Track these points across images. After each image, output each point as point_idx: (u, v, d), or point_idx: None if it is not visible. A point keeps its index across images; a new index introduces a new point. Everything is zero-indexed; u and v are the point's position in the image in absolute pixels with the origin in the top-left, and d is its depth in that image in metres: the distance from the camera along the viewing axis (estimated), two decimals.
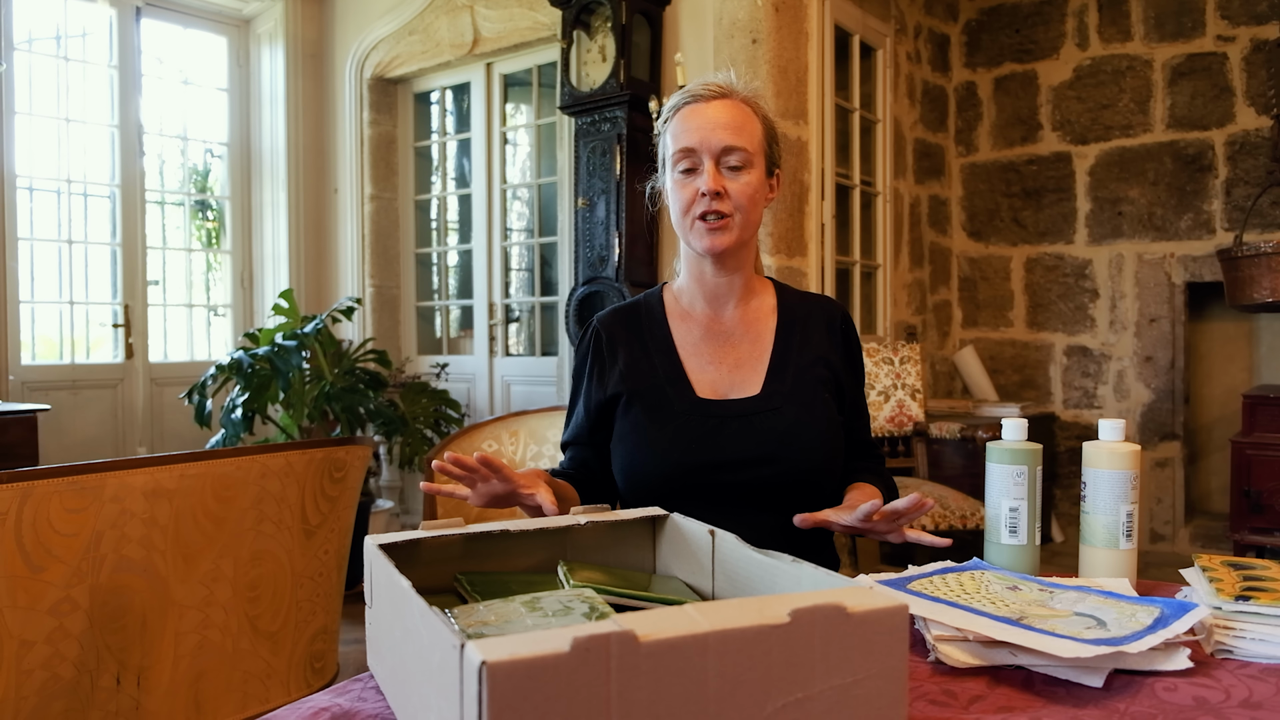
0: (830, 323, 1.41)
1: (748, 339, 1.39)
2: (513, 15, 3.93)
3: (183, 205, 4.62)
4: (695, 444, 1.29)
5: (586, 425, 1.41)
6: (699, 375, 1.36)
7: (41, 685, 1.52)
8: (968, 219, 4.80)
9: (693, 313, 1.41)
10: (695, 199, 1.30)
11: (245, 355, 3.52)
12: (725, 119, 1.30)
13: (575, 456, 1.44)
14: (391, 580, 0.74)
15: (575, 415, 1.45)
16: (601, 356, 1.41)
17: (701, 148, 1.29)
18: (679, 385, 1.34)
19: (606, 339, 1.41)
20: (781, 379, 1.34)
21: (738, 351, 1.38)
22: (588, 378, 1.42)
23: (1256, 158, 3.99)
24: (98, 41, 4.20)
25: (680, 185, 1.32)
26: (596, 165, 3.40)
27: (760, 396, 1.33)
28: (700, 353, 1.38)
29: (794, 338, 1.38)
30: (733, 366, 1.37)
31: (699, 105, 1.32)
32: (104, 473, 1.55)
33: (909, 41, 4.38)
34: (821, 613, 0.60)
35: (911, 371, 3.41)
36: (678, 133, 1.32)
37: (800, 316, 1.41)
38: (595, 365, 1.41)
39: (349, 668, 2.68)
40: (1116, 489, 1.09)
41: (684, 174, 1.32)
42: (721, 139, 1.29)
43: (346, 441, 1.99)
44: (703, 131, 1.29)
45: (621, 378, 1.37)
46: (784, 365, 1.36)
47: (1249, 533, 3.30)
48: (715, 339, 1.39)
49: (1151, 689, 0.79)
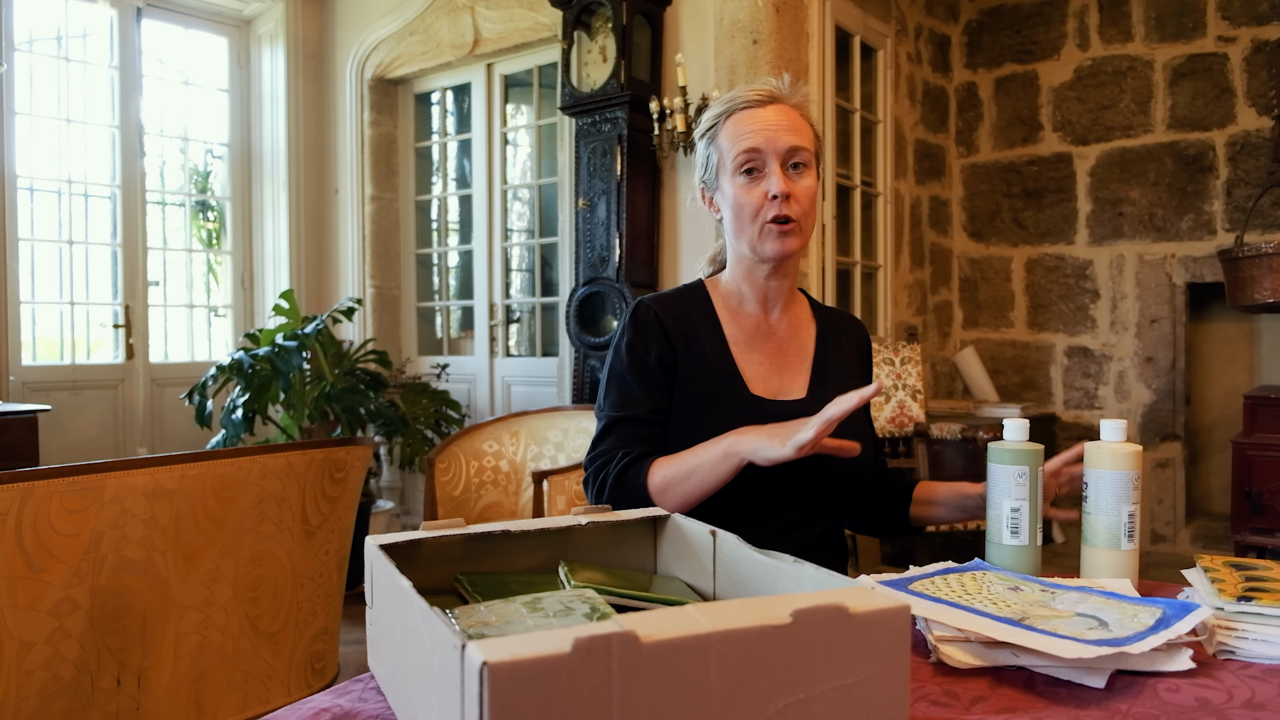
0: (860, 341, 1.48)
1: (793, 343, 1.40)
2: (513, 16, 3.93)
3: (183, 206, 4.62)
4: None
5: (647, 400, 1.33)
6: (750, 371, 1.36)
7: (42, 686, 1.52)
8: (968, 219, 4.79)
9: (742, 311, 1.40)
10: (764, 203, 1.28)
11: (246, 356, 3.52)
12: (785, 122, 1.30)
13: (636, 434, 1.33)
14: (392, 581, 0.73)
15: (625, 393, 1.35)
16: (664, 333, 1.34)
17: (767, 148, 1.28)
18: (732, 380, 1.34)
19: (663, 316, 1.35)
20: (824, 385, 1.37)
21: (785, 353, 1.39)
22: (654, 351, 1.33)
23: (1257, 158, 3.99)
24: (98, 42, 4.20)
25: (745, 189, 1.30)
26: (597, 166, 3.40)
27: (807, 400, 1.35)
28: (750, 350, 1.38)
29: (831, 347, 1.42)
30: (780, 368, 1.38)
31: (754, 110, 1.31)
32: (104, 473, 1.55)
33: (910, 42, 4.37)
34: (823, 613, 0.60)
35: (912, 372, 3.41)
36: (737, 135, 1.30)
37: (834, 329, 1.44)
38: (660, 341, 1.34)
39: (349, 668, 2.68)
40: (1118, 489, 1.09)
41: (748, 176, 1.30)
42: (787, 140, 1.28)
43: (347, 442, 1.99)
44: (766, 133, 1.28)
45: (680, 363, 1.34)
46: (825, 372, 1.39)
47: (1250, 533, 3.30)
48: (764, 339, 1.39)
49: (1154, 690, 0.79)
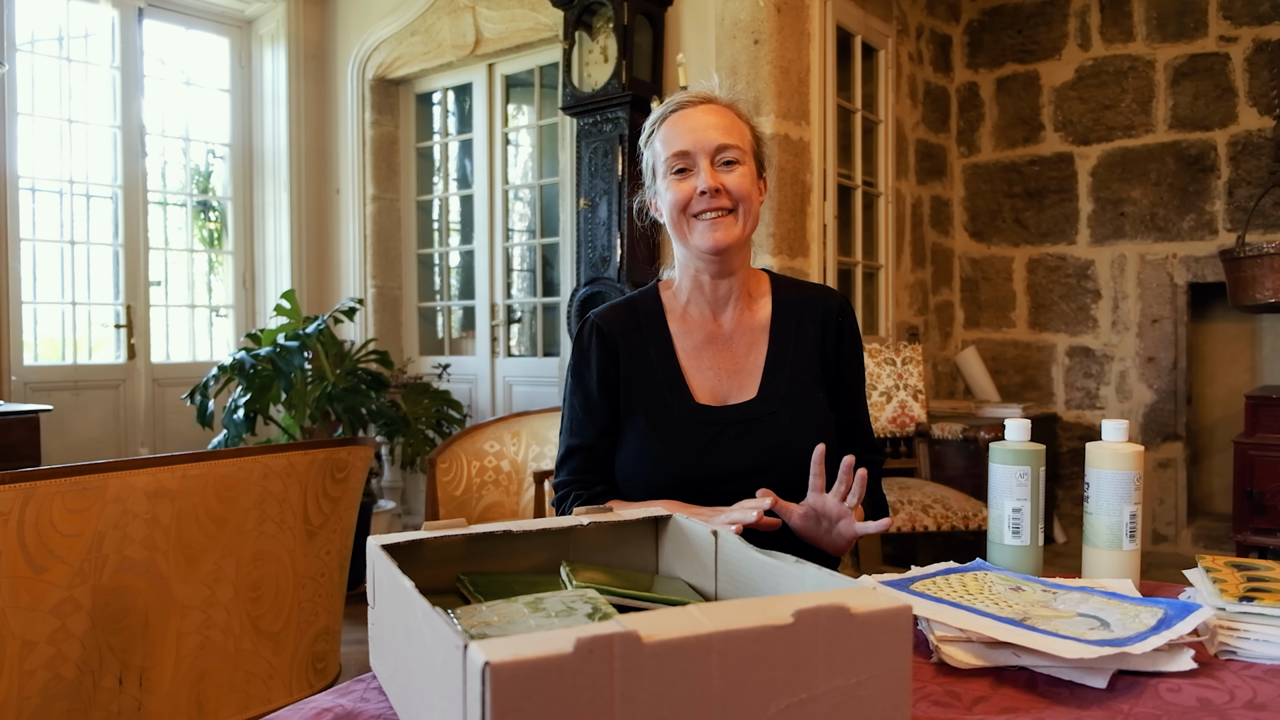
0: (825, 315, 1.39)
1: (744, 342, 1.38)
2: (514, 16, 3.93)
3: (185, 206, 4.62)
4: (694, 454, 1.29)
5: (591, 426, 1.36)
6: (698, 380, 1.35)
7: (44, 685, 1.52)
8: (970, 219, 4.79)
9: (691, 316, 1.39)
10: (692, 197, 1.30)
11: (247, 356, 3.52)
12: (714, 120, 1.31)
13: (580, 465, 1.37)
14: (394, 581, 0.74)
15: (575, 419, 1.39)
16: (604, 352, 1.37)
17: (696, 148, 1.30)
18: (678, 391, 1.34)
19: (607, 335, 1.38)
20: (777, 380, 1.34)
21: (736, 355, 1.37)
22: (594, 373, 1.37)
23: (1259, 158, 3.99)
24: (100, 42, 4.20)
25: (675, 186, 1.31)
26: (598, 166, 3.40)
27: (756, 400, 1.33)
28: (700, 357, 1.37)
29: (789, 335, 1.37)
30: (731, 371, 1.36)
31: (686, 111, 1.33)
32: (106, 473, 1.55)
33: (911, 42, 4.37)
34: (825, 613, 0.60)
35: (913, 372, 3.41)
36: (668, 138, 1.32)
37: (795, 312, 1.39)
38: (598, 361, 1.37)
39: (351, 668, 2.68)
40: (1120, 490, 1.09)
41: (678, 175, 1.31)
42: (714, 138, 1.30)
43: (348, 442, 1.99)
44: (695, 133, 1.30)
45: (623, 379, 1.36)
46: (779, 366, 1.35)
47: (1251, 533, 3.30)
48: (714, 343, 1.37)
49: (1155, 690, 0.79)
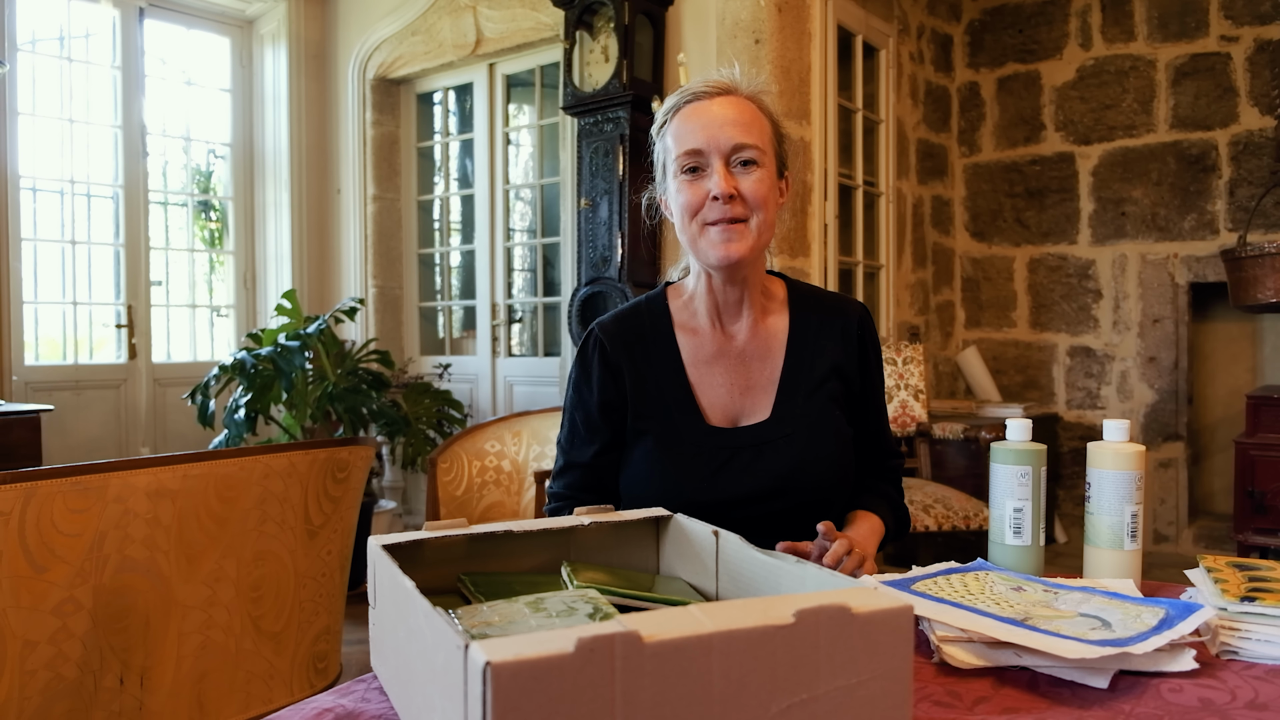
0: (846, 328, 1.30)
1: (758, 357, 1.27)
2: (515, 16, 3.93)
3: (186, 206, 4.62)
4: (705, 479, 1.21)
5: (590, 445, 1.28)
6: (708, 398, 1.25)
7: (45, 685, 1.52)
8: (970, 219, 4.79)
9: (701, 327, 1.28)
10: (704, 202, 1.18)
11: (248, 356, 3.52)
12: (732, 116, 1.19)
13: (576, 482, 1.29)
14: (395, 581, 0.73)
15: (575, 434, 1.30)
16: (606, 371, 1.27)
17: (709, 147, 1.18)
18: (688, 412, 1.24)
19: (611, 350, 1.28)
20: (793, 399, 1.25)
21: (749, 370, 1.27)
22: (595, 392, 1.28)
23: (1260, 158, 3.98)
24: (101, 42, 4.20)
25: (686, 188, 1.19)
26: (599, 166, 3.40)
27: (770, 421, 1.24)
28: (710, 373, 1.26)
29: (806, 350, 1.28)
30: (744, 388, 1.26)
31: (702, 103, 1.20)
32: (107, 473, 1.55)
33: (912, 42, 4.37)
34: (826, 613, 0.60)
35: (914, 372, 3.40)
36: (680, 134, 1.20)
37: (813, 325, 1.29)
38: (600, 381, 1.28)
39: (352, 668, 2.68)
40: (1121, 490, 1.09)
41: (690, 175, 1.20)
42: (730, 136, 1.17)
43: (349, 442, 1.99)
44: (709, 130, 1.18)
45: (629, 397, 1.26)
46: (795, 384, 1.26)
47: (1253, 533, 3.30)
48: (725, 358, 1.27)
49: (1157, 690, 0.79)
